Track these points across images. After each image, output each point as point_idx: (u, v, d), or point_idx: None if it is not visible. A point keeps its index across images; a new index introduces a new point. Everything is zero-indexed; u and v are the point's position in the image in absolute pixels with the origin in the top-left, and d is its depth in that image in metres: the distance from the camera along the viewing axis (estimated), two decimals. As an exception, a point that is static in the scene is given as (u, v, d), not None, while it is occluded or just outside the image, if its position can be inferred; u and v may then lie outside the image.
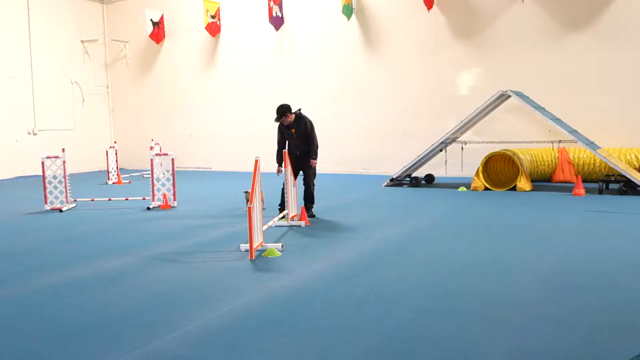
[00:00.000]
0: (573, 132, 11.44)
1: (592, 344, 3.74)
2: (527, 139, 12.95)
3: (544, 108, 11.87)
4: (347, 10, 15.27)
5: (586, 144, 11.18)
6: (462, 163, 13.04)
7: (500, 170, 12.58)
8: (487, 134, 13.65)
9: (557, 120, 11.59)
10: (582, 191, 10.74)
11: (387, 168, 14.70)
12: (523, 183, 11.46)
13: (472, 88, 14.31)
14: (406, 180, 13.01)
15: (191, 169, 18.16)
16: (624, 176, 10.71)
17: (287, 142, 8.84)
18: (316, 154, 8.89)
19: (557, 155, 12.70)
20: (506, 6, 13.83)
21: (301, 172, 8.91)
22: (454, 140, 12.86)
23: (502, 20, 13.92)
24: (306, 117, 8.89)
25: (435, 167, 13.71)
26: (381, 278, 5.42)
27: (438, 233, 7.55)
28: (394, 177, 12.93)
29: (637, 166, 11.83)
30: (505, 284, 5.12)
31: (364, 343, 3.83)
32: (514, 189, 11.51)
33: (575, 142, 11.47)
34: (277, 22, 16.40)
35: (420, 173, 13.40)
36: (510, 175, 12.34)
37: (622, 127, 12.76)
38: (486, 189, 11.69)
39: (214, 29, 17.45)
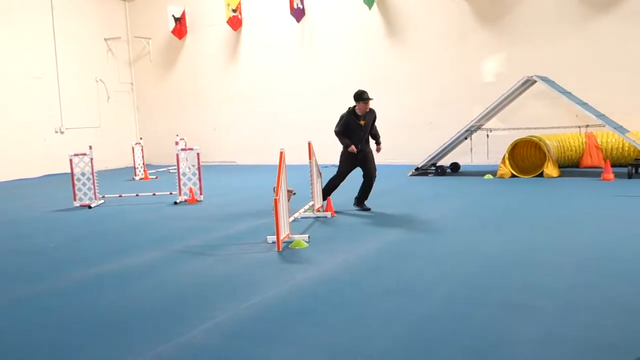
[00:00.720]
0: (601, 116, 11.23)
1: (626, 331, 3.69)
2: (554, 124, 12.73)
3: (570, 93, 11.66)
4: (369, 0, 15.17)
5: (614, 128, 10.97)
6: (487, 150, 12.90)
7: (526, 156, 12.41)
8: (513, 120, 13.47)
9: (584, 105, 11.39)
10: (611, 176, 10.55)
11: (412, 158, 14.62)
12: (550, 169, 11.30)
13: (497, 74, 14.13)
14: (432, 170, 12.93)
15: (216, 163, 18.31)
16: (655, 160, 10.50)
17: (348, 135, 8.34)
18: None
19: (584, 140, 12.48)
20: (530, -10, 13.59)
21: (360, 168, 8.61)
22: (479, 127, 12.73)
23: (525, 4, 13.69)
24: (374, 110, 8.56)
25: (460, 156, 13.59)
26: (410, 268, 5.41)
27: (466, 222, 7.50)
28: (419, 166, 12.86)
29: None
30: (536, 272, 5.06)
31: (394, 332, 3.83)
32: (541, 175, 11.36)
33: (603, 127, 11.27)
34: (298, 13, 16.39)
35: (446, 162, 13.30)
36: (537, 162, 12.17)
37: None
38: (513, 176, 11.56)
39: (235, 22, 17.51)
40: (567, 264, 5.28)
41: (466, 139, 12.83)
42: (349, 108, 8.41)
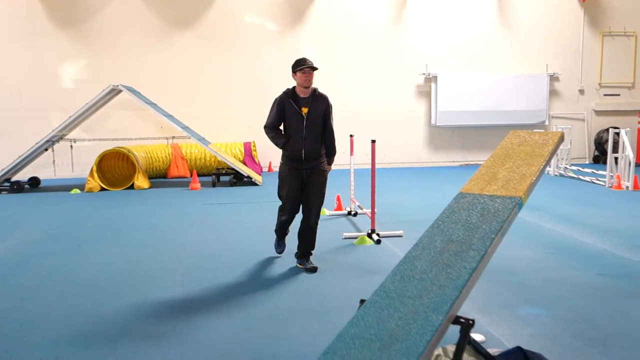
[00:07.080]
0: (185, 128, 11.69)
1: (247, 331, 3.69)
2: (141, 135, 12.71)
3: (156, 104, 11.78)
4: None
5: (198, 140, 11.57)
6: (72, 163, 12.00)
7: (115, 169, 11.96)
8: (99, 131, 12.85)
9: (169, 117, 11.66)
10: (198, 185, 11.07)
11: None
12: (141, 181, 11.15)
13: (79, 81, 13.16)
14: (5, 186, 11.18)
15: None
16: (232, 169, 11.49)
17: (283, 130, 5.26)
18: (334, 156, 5.40)
19: (170, 151, 12.81)
20: (110, -3, 13.17)
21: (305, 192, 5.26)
22: (61, 138, 11.68)
23: (108, 12, 13.17)
24: (327, 97, 5.27)
25: (41, 169, 12.25)
26: (-7, 310, 4.33)
27: (58, 244, 6.58)
28: (-14, 182, 10.96)
29: (242, 159, 12.90)
30: (148, 288, 4.71)
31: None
32: (132, 187, 11.09)
33: (188, 138, 11.77)
34: None
35: (23, 176, 11.72)
36: (126, 174, 11.87)
37: (229, 124, 13.61)
38: (102, 189, 10.94)
39: None
40: (175, 275, 5.10)
41: (47, 150, 11.56)
42: (287, 89, 5.24)
